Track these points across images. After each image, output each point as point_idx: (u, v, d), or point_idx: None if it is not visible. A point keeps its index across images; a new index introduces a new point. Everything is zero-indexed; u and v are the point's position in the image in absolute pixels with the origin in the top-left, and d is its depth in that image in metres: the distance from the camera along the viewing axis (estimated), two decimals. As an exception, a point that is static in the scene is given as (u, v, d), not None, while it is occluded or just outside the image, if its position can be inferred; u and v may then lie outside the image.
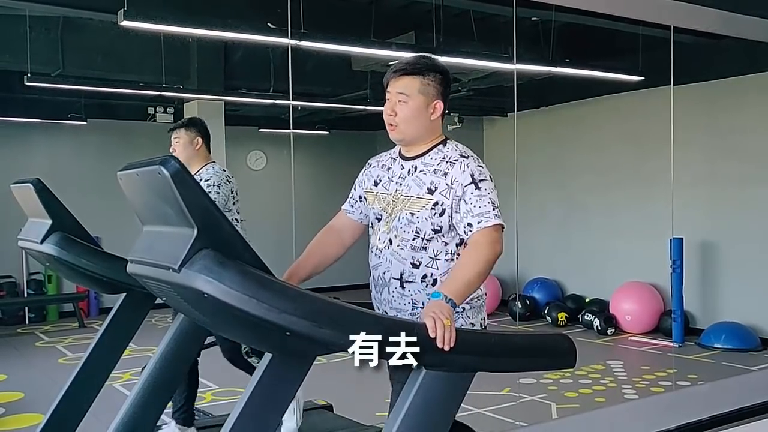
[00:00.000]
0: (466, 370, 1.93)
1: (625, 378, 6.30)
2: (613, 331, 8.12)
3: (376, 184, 2.42)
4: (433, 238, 2.26)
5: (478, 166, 2.27)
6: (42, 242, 2.70)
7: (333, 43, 5.68)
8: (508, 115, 9.76)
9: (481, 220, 2.18)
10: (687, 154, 7.32)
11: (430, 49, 5.72)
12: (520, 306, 8.98)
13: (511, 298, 9.27)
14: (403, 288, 2.28)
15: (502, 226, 2.20)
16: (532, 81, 7.59)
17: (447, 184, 2.25)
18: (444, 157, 2.31)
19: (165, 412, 2.75)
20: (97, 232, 5.34)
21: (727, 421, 3.65)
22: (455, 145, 2.36)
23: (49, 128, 9.32)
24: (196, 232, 1.67)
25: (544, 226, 9.38)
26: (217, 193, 3.61)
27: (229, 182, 3.74)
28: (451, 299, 1.97)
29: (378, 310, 2.37)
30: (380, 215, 2.37)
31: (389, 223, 2.32)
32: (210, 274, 1.63)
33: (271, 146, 10.85)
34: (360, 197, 2.49)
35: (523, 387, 5.61)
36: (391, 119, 2.32)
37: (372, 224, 2.43)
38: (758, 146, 7.30)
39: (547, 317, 8.85)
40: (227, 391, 5.65)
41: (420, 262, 2.27)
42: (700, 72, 7.35)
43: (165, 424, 3.69)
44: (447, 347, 1.82)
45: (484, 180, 2.24)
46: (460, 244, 2.26)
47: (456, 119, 9.57)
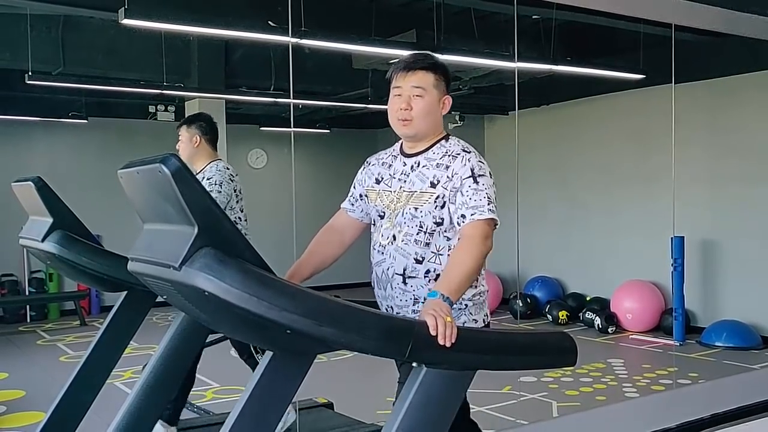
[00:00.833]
0: (467, 368, 1.93)
1: (626, 376, 6.29)
2: (614, 329, 8.12)
3: (378, 181, 2.42)
4: (435, 232, 2.27)
5: (479, 161, 2.28)
6: (43, 240, 2.70)
7: (334, 42, 5.68)
8: (509, 113, 9.76)
9: (475, 213, 2.19)
10: (688, 153, 7.31)
11: (431, 47, 5.70)
12: (521, 304, 8.97)
13: (512, 297, 9.26)
14: (405, 283, 2.29)
15: (495, 222, 2.21)
16: (533, 79, 7.57)
17: (448, 177, 2.26)
18: (446, 152, 2.32)
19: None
20: (98, 230, 5.36)
21: (728, 419, 3.65)
22: (457, 140, 2.38)
23: (50, 127, 9.31)
24: (196, 230, 1.67)
25: (545, 225, 9.37)
26: (219, 191, 3.61)
27: (232, 180, 3.74)
28: (449, 297, 1.99)
29: (382, 307, 2.38)
30: (383, 212, 2.38)
31: (392, 220, 2.33)
32: (210, 272, 1.62)
33: (271, 145, 10.84)
34: (360, 195, 2.49)
35: (523, 385, 5.61)
36: (406, 114, 2.29)
37: (374, 221, 2.43)
38: (759, 144, 7.29)
39: (548, 315, 8.84)
40: (228, 389, 5.66)
41: (423, 258, 2.28)
42: (701, 70, 7.34)
43: None
44: (448, 343, 1.83)
45: (484, 175, 2.25)
46: (462, 240, 2.26)
47: (457, 118, 9.58)
